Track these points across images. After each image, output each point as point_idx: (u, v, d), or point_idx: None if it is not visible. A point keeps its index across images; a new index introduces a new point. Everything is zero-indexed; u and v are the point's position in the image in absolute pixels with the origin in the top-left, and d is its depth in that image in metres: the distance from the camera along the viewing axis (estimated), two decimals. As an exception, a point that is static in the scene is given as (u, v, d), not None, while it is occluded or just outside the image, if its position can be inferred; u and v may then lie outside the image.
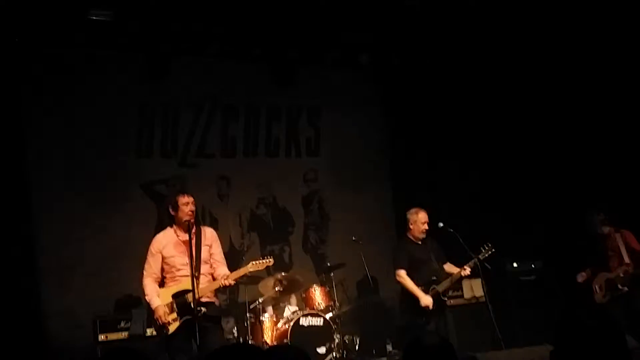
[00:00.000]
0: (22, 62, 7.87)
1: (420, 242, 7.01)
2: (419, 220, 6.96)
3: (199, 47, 8.49)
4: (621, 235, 7.39)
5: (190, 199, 5.75)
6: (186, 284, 5.54)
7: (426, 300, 6.66)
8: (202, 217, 8.46)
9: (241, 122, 9.38)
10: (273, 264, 6.09)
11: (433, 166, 9.33)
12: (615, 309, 7.08)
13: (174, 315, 5.55)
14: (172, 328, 5.54)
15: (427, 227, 6.97)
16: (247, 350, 1.93)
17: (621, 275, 7.28)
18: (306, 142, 9.78)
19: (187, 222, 5.65)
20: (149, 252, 5.80)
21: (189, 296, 5.45)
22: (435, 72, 9.35)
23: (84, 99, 8.33)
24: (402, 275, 6.82)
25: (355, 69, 9.50)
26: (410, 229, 7.02)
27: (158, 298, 5.61)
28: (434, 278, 6.84)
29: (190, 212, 5.67)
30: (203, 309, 5.48)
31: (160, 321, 5.53)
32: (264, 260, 5.88)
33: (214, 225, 8.11)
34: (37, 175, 8.04)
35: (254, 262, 5.83)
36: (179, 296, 5.58)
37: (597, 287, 7.46)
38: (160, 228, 6.43)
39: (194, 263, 5.53)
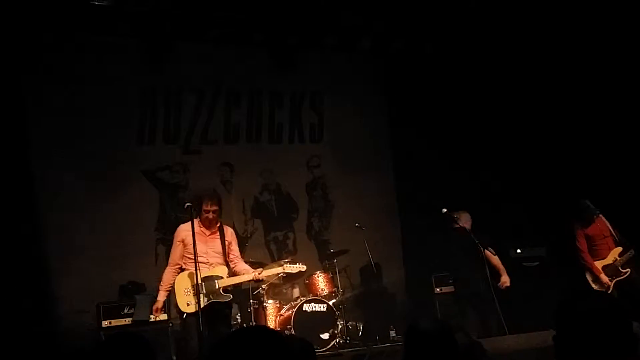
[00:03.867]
0: (23, 49, 7.83)
1: None
2: None
3: (199, 33, 8.43)
4: (602, 219, 7.19)
5: (214, 207, 6.11)
6: (216, 270, 6.07)
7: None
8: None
9: (244, 109, 9.34)
10: (289, 260, 6.43)
11: (435, 151, 9.28)
12: (619, 295, 7.01)
13: (202, 296, 5.86)
14: (193, 308, 5.83)
15: None
16: (266, 333, 1.93)
17: (618, 258, 7.13)
18: (309, 128, 9.74)
19: (210, 221, 6.10)
20: (174, 242, 6.25)
21: (219, 282, 6.02)
22: (436, 56, 9.29)
23: (85, 85, 8.30)
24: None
25: (356, 53, 9.42)
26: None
27: (165, 293, 6.12)
28: None
29: (210, 217, 6.08)
30: (230, 296, 6.08)
31: (154, 313, 6.21)
32: (297, 265, 6.48)
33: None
34: (39, 161, 8.03)
35: (288, 265, 6.28)
36: (208, 280, 5.97)
37: (591, 278, 7.20)
38: (163, 214, 6.45)
39: (226, 257, 6.16)
